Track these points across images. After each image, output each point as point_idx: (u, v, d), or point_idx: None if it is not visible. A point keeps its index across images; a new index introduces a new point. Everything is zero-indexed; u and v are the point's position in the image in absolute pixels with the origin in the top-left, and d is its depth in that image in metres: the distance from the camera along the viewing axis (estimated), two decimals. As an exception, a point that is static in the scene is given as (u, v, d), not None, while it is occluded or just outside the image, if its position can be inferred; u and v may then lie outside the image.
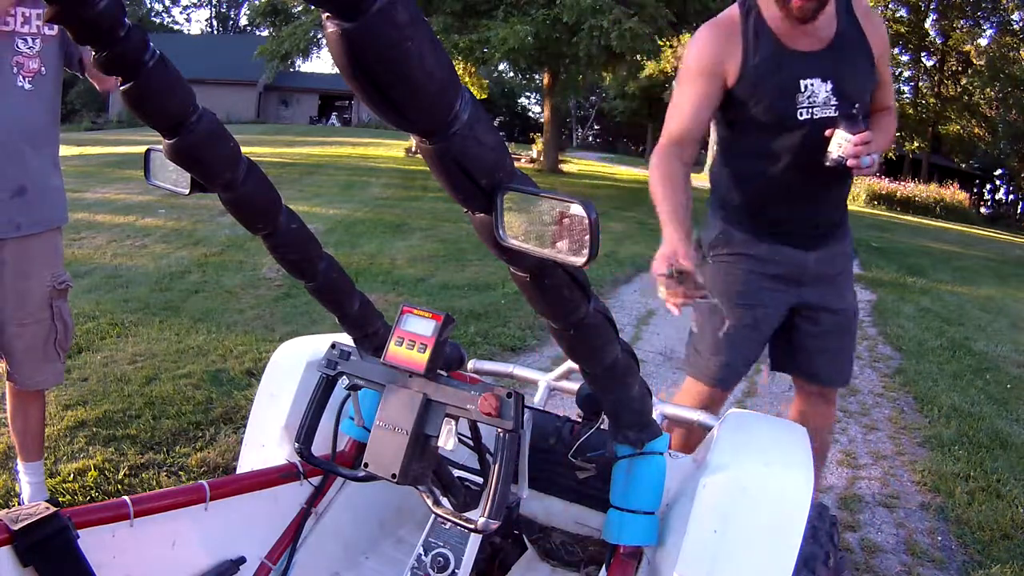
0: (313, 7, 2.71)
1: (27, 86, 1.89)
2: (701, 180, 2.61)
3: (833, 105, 1.75)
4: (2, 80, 1.85)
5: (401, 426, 1.00)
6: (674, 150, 1.77)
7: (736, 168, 1.93)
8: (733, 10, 1.80)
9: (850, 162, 1.69)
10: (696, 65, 1.79)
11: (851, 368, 2.08)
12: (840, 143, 1.69)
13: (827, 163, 1.72)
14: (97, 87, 2.00)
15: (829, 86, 1.74)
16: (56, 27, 1.76)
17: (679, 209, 1.65)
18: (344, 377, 1.14)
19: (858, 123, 1.69)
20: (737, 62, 1.76)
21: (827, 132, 1.71)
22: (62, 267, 2.10)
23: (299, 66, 20.02)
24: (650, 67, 25.11)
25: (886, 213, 19.97)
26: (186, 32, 49.79)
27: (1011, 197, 36.07)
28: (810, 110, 1.75)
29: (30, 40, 1.88)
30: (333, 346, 1.16)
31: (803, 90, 1.75)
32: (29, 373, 2.07)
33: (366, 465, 1.01)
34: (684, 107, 1.79)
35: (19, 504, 2.20)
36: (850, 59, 1.77)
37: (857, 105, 1.74)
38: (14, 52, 1.86)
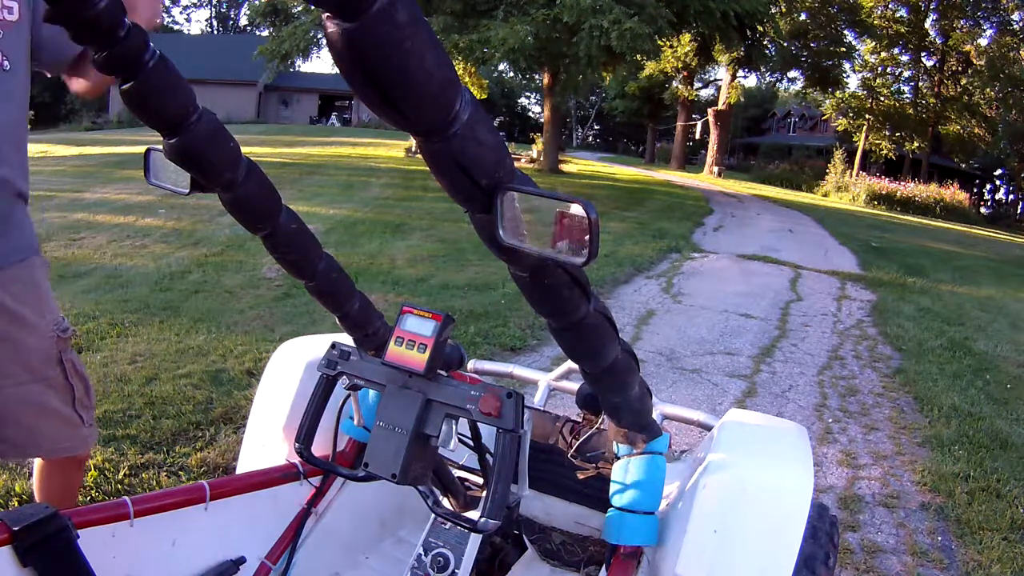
0: (313, 7, 2.71)
1: None
2: (700, 180, 2.61)
3: None
4: None
5: (401, 426, 1.00)
6: None
7: None
8: None
9: None
10: None
11: None
12: None
13: None
14: (71, 87, 1.51)
15: None
16: (17, 12, 1.34)
17: None
18: (344, 377, 1.14)
19: None
20: None
21: None
22: (58, 308, 1.55)
23: (299, 66, 19.98)
24: (650, 67, 25.14)
25: (886, 213, 19.97)
26: (186, 32, 49.79)
27: (1011, 197, 36.10)
28: None
29: None
30: (333, 346, 1.16)
31: None
32: (39, 443, 1.52)
33: (366, 465, 1.01)
34: None
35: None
36: None
37: None
38: None
